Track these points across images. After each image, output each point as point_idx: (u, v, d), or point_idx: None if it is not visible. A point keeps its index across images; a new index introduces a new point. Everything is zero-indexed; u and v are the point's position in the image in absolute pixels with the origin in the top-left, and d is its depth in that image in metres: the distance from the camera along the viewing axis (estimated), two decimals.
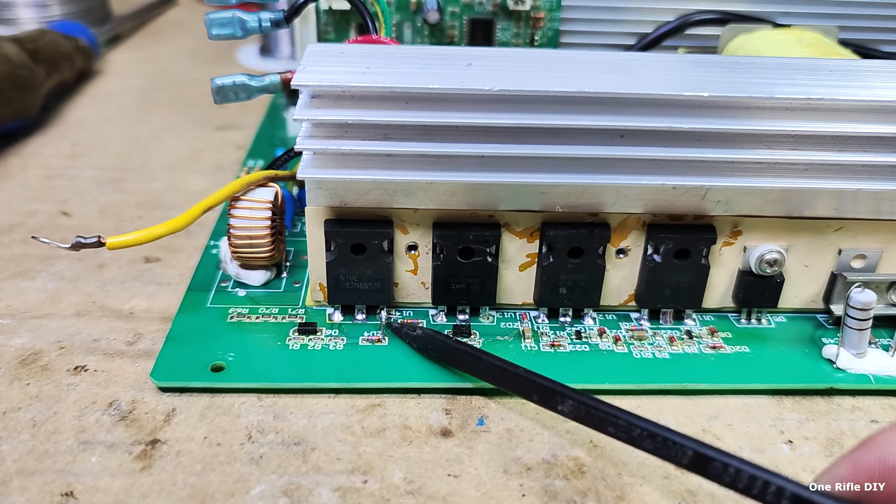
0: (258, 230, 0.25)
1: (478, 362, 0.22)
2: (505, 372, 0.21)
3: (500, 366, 0.21)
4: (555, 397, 0.19)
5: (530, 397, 0.20)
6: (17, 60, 0.39)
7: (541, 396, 0.20)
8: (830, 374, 0.23)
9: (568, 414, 0.19)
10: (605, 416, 0.18)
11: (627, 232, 0.24)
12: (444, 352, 0.23)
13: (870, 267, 0.25)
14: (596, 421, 0.18)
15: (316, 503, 0.19)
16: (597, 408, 0.18)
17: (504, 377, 0.21)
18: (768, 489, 0.15)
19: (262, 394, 0.23)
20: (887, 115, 0.23)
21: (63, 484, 0.20)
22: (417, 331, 0.24)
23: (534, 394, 0.20)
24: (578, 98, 0.22)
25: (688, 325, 0.25)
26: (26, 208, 0.33)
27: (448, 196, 0.23)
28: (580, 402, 0.19)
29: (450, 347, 0.23)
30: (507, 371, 0.21)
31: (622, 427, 0.18)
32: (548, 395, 0.20)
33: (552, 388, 0.20)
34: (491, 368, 0.21)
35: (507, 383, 0.21)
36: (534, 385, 0.20)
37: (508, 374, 0.21)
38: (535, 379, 0.20)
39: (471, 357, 0.22)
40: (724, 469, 0.16)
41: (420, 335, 0.23)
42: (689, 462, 0.17)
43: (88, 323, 0.26)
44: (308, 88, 0.22)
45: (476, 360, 0.22)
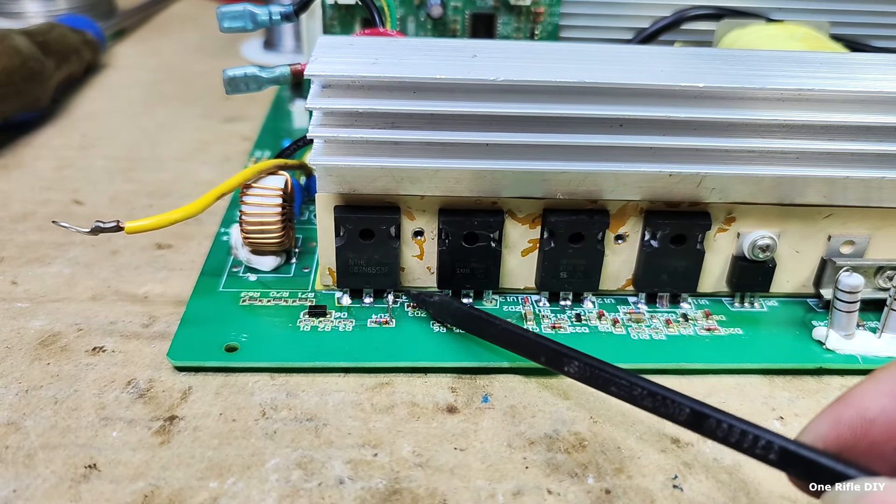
0: (269, 216, 0.26)
1: (490, 326, 0.23)
2: (515, 335, 0.22)
3: (510, 329, 0.22)
4: (561, 359, 0.20)
5: (538, 359, 0.21)
6: (27, 53, 0.39)
7: (548, 358, 0.21)
8: (820, 355, 0.24)
9: (574, 374, 0.20)
10: (608, 377, 0.19)
11: (626, 218, 0.25)
12: (460, 318, 0.24)
13: (858, 252, 0.26)
14: (600, 381, 0.19)
15: (329, 475, 0.20)
16: (601, 368, 0.19)
17: (514, 340, 0.22)
18: (758, 443, 0.16)
19: (274, 373, 0.24)
20: (875, 105, 0.24)
21: (86, 457, 0.20)
22: (435, 297, 0.25)
23: (542, 356, 0.21)
24: (579, 88, 0.23)
25: (683, 309, 0.26)
26: (39, 197, 0.34)
27: (453, 183, 0.24)
28: (585, 363, 0.19)
29: (465, 313, 0.24)
30: (517, 335, 0.22)
31: (624, 387, 0.18)
32: (555, 356, 0.20)
33: (559, 350, 0.20)
34: (502, 332, 0.22)
35: (516, 346, 0.22)
36: (542, 347, 0.21)
37: (518, 338, 0.22)
38: (543, 342, 0.21)
39: (484, 322, 0.23)
40: (718, 425, 0.17)
41: (437, 301, 0.25)
42: (686, 419, 0.17)
43: (104, 306, 0.27)
44: (320, 78, 0.23)
45: (488, 324, 0.23)
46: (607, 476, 0.20)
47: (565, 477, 0.20)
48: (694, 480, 0.20)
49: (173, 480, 0.20)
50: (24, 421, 0.22)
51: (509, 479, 0.20)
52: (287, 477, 0.20)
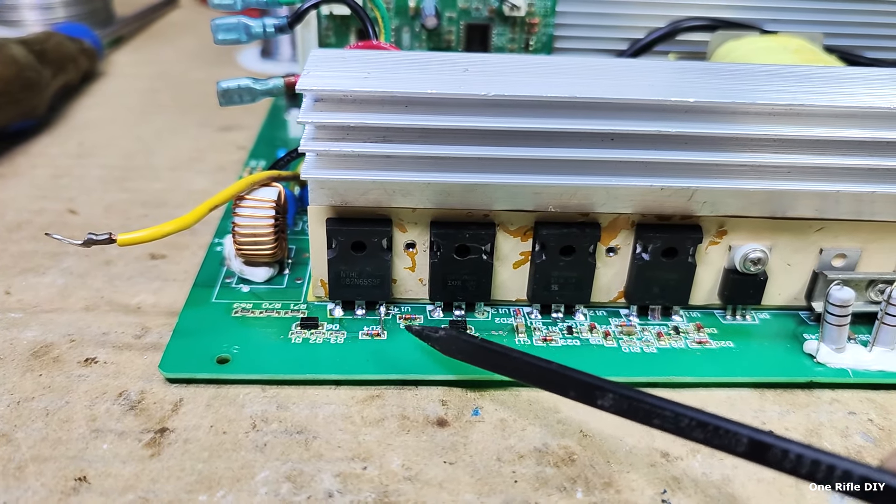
0: (262, 228, 0.26)
1: (507, 360, 0.21)
2: (537, 369, 0.20)
3: (532, 363, 0.20)
4: (593, 392, 0.19)
5: (566, 394, 0.19)
6: (24, 62, 0.40)
7: (578, 392, 0.19)
8: (811, 369, 0.24)
9: (609, 408, 0.18)
10: (649, 409, 0.17)
11: (617, 231, 0.25)
12: (470, 353, 0.22)
13: (850, 266, 0.26)
14: (640, 414, 0.18)
15: (318, 488, 0.20)
16: (641, 400, 0.18)
17: (536, 374, 0.20)
18: (833, 473, 0.15)
19: (265, 385, 0.24)
20: (865, 120, 0.24)
21: (76, 469, 0.21)
22: (440, 332, 0.23)
23: (570, 390, 0.19)
24: (570, 103, 0.23)
25: (675, 321, 0.26)
26: (34, 206, 0.34)
27: (445, 196, 0.24)
28: (622, 395, 0.18)
29: (476, 347, 0.22)
30: (540, 368, 0.20)
31: (669, 418, 0.17)
32: (586, 390, 0.19)
33: (590, 382, 0.19)
34: (522, 366, 0.21)
35: (539, 380, 0.20)
36: (570, 381, 0.19)
37: (541, 371, 0.20)
38: (571, 374, 0.19)
39: (499, 356, 0.21)
40: (784, 455, 0.15)
41: (444, 337, 0.23)
42: (745, 450, 0.16)
43: (97, 317, 0.27)
44: (312, 92, 0.23)
45: (505, 358, 0.21)
46: (596, 490, 0.20)
47: (554, 491, 0.20)
48: (682, 495, 0.20)
49: (163, 493, 0.20)
50: (15, 433, 0.22)
51: (498, 492, 0.20)
52: (276, 490, 0.20)
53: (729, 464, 0.21)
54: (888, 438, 0.22)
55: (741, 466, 0.21)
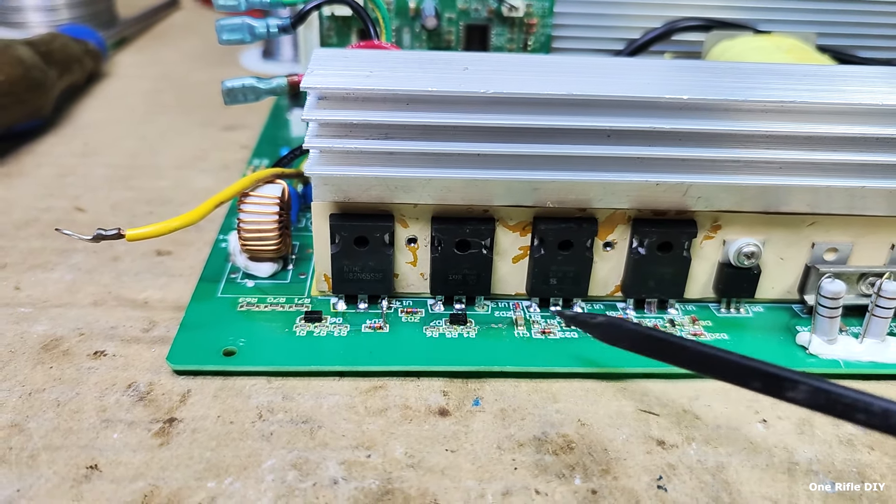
0: (266, 224, 0.27)
1: (679, 350, 0.19)
2: (714, 359, 0.19)
3: (708, 353, 0.19)
4: (782, 384, 0.17)
5: (749, 385, 0.18)
6: (30, 63, 0.40)
7: (764, 384, 0.18)
8: (803, 360, 0.25)
9: (800, 401, 0.17)
10: (851, 402, 0.16)
11: (614, 226, 0.26)
12: (636, 341, 0.21)
13: (841, 259, 0.27)
14: (838, 408, 0.16)
15: (323, 475, 0.21)
16: (839, 393, 0.16)
17: (712, 364, 0.19)
18: None
19: (271, 377, 0.24)
20: (856, 116, 0.24)
21: (87, 458, 0.21)
22: (599, 319, 0.21)
23: (755, 381, 0.18)
24: (568, 100, 0.24)
25: (671, 314, 0.27)
26: (41, 204, 0.35)
27: (446, 192, 0.25)
28: (817, 388, 0.17)
29: (643, 336, 0.20)
30: (718, 358, 0.19)
31: (877, 414, 0.16)
32: (773, 381, 0.17)
33: (779, 374, 0.17)
34: (695, 356, 0.19)
35: (717, 371, 0.19)
36: (754, 372, 0.18)
37: (719, 361, 0.19)
38: (755, 365, 0.18)
39: (670, 345, 0.20)
40: None
41: (604, 324, 0.21)
42: None
43: (105, 311, 0.27)
44: (315, 91, 0.23)
45: (677, 347, 0.20)
46: (594, 477, 0.21)
47: (553, 478, 0.21)
48: (678, 481, 0.21)
49: (172, 480, 0.20)
50: (28, 423, 0.22)
51: (498, 479, 0.21)
52: (283, 477, 0.21)
53: (723, 451, 0.22)
54: None
55: (735, 454, 0.22)
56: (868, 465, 0.22)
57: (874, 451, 0.22)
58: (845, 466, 0.22)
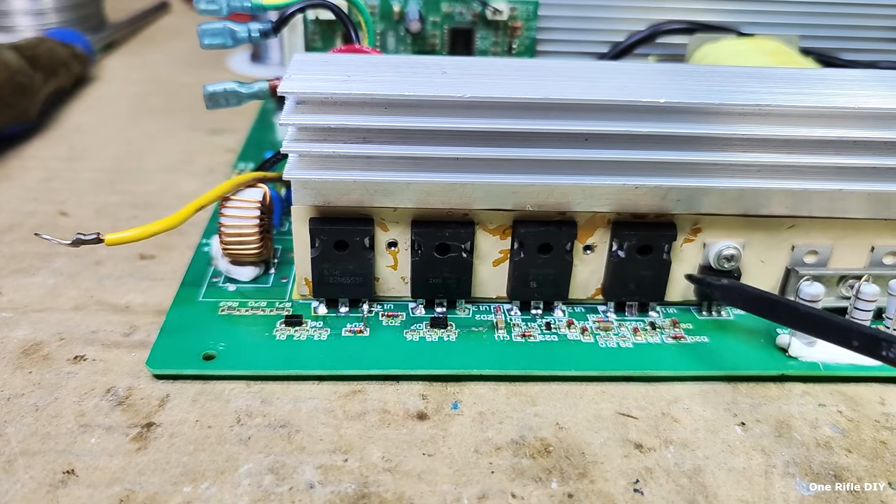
0: (247, 228, 0.27)
1: (790, 311, 0.22)
2: (820, 320, 0.21)
3: (815, 314, 0.22)
4: (879, 343, 0.19)
5: (850, 344, 0.20)
6: (16, 67, 0.40)
7: (862, 343, 0.20)
8: (783, 362, 0.25)
9: (894, 360, 0.19)
10: None
11: (594, 229, 0.26)
12: (752, 302, 0.24)
13: (821, 262, 0.27)
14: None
15: (299, 479, 0.21)
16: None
17: (819, 325, 0.21)
18: None
19: (250, 381, 0.24)
20: (833, 120, 0.24)
21: (64, 463, 0.21)
22: (723, 280, 0.25)
23: (854, 339, 0.20)
24: (545, 104, 0.24)
25: (651, 317, 0.27)
26: (26, 209, 0.35)
27: (425, 196, 0.25)
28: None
29: (758, 297, 0.23)
30: (824, 319, 0.21)
31: None
32: (871, 341, 0.20)
33: (876, 334, 0.20)
34: (803, 316, 0.22)
35: (823, 330, 0.21)
36: (853, 332, 0.20)
37: (825, 322, 0.21)
38: (853, 326, 0.20)
39: (782, 306, 0.23)
40: None
41: (726, 286, 0.24)
42: None
43: (86, 316, 0.27)
44: (293, 95, 0.23)
45: (788, 308, 0.22)
46: (570, 480, 0.21)
47: (529, 481, 0.21)
48: (655, 485, 0.21)
49: (148, 485, 0.20)
50: (5, 428, 0.22)
51: (475, 483, 0.21)
52: (259, 482, 0.21)
53: (701, 454, 0.22)
54: (856, 430, 0.23)
55: (713, 457, 0.22)
56: (845, 467, 0.22)
57: (851, 453, 0.22)
58: (822, 469, 0.22)
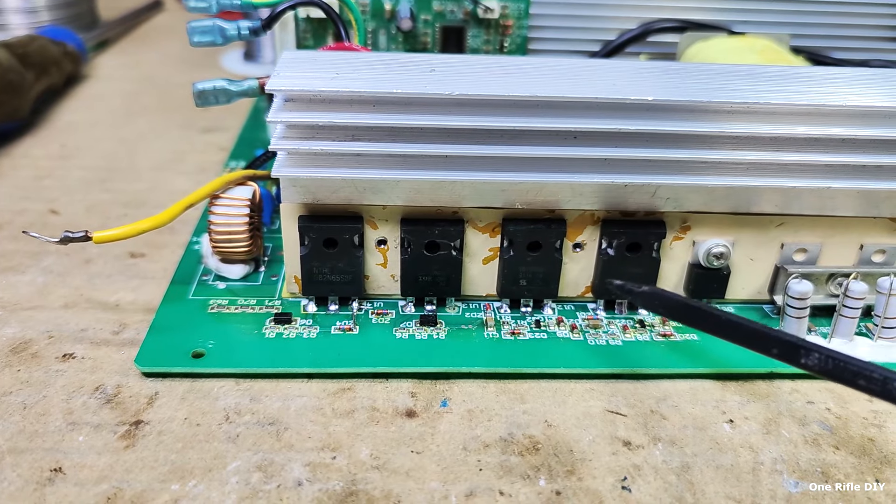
0: (237, 226, 0.27)
1: (709, 317, 0.21)
2: (740, 328, 0.21)
3: (734, 321, 0.21)
4: (798, 351, 0.19)
5: (769, 352, 0.20)
6: (6, 65, 0.40)
7: (782, 350, 0.19)
8: (772, 360, 0.25)
9: (812, 367, 0.19)
10: (856, 370, 0.18)
11: (583, 227, 0.26)
12: (672, 308, 0.22)
13: (811, 260, 0.27)
14: (845, 375, 0.18)
15: (288, 477, 0.21)
16: (847, 361, 0.18)
17: (739, 332, 0.21)
18: None
19: (239, 379, 0.24)
20: (822, 117, 0.24)
21: (52, 461, 0.21)
22: (644, 288, 0.23)
23: (774, 348, 0.20)
24: (533, 102, 0.24)
25: (641, 315, 0.27)
26: (16, 207, 0.35)
27: (414, 193, 0.25)
28: (827, 355, 0.18)
29: (679, 304, 0.22)
30: (744, 326, 0.21)
31: (876, 380, 0.17)
32: (790, 349, 0.19)
33: (795, 342, 0.19)
34: (723, 323, 0.21)
35: (742, 338, 0.21)
36: (773, 340, 0.20)
37: (744, 329, 0.20)
38: (774, 334, 0.20)
39: (702, 312, 0.22)
40: None
41: (646, 292, 0.23)
42: None
43: (76, 314, 0.27)
44: (282, 93, 0.23)
45: (706, 315, 0.21)
46: (558, 478, 0.21)
47: (517, 479, 0.21)
48: (643, 482, 0.21)
49: (136, 483, 0.20)
50: None
51: (463, 480, 0.21)
52: (247, 479, 0.21)
53: (689, 452, 0.22)
54: (844, 427, 0.23)
55: (701, 455, 0.22)
56: (833, 464, 0.22)
57: (839, 450, 0.22)
58: (810, 466, 0.22)
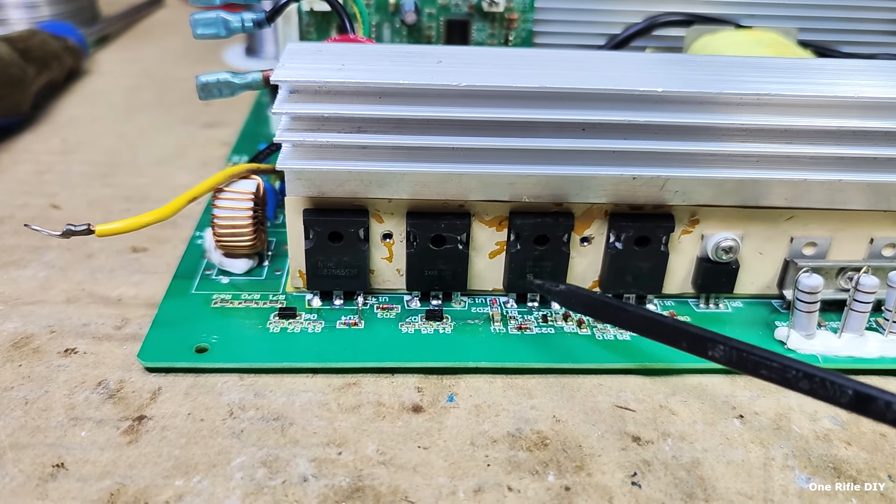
0: (240, 220, 0.27)
1: (622, 314, 0.22)
2: (650, 322, 0.21)
3: (645, 316, 0.21)
4: (704, 343, 0.20)
5: (679, 345, 0.20)
6: (7, 59, 0.40)
7: (690, 343, 0.20)
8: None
9: (719, 359, 0.19)
10: (758, 360, 0.18)
11: (591, 221, 0.25)
12: (589, 306, 0.23)
13: (820, 254, 0.26)
14: (749, 365, 0.19)
15: (293, 473, 0.20)
16: (749, 352, 0.19)
17: (649, 326, 0.21)
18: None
19: (243, 373, 0.24)
20: (832, 109, 0.24)
21: (54, 456, 0.21)
22: (560, 287, 0.24)
23: (682, 341, 0.20)
24: (541, 93, 0.23)
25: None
26: (17, 201, 0.35)
27: (420, 186, 0.24)
28: (731, 346, 0.19)
29: (594, 301, 0.23)
30: (653, 321, 0.21)
31: (776, 369, 0.18)
32: (697, 341, 0.20)
33: (702, 335, 0.20)
34: (636, 318, 0.22)
35: (653, 332, 0.21)
36: (682, 333, 0.20)
37: (654, 324, 0.21)
38: (683, 327, 0.20)
39: (615, 309, 0.22)
40: (888, 407, 0.16)
41: (563, 291, 0.24)
42: (849, 401, 0.17)
43: (78, 309, 0.27)
44: (287, 84, 0.23)
45: (620, 311, 0.22)
46: (567, 473, 0.21)
47: (526, 474, 0.21)
48: (652, 477, 0.21)
49: (139, 479, 0.20)
50: None
51: (471, 476, 0.21)
52: (252, 475, 0.20)
53: (699, 447, 0.22)
54: (855, 422, 0.23)
55: (711, 450, 0.22)
56: (844, 460, 0.21)
57: (851, 446, 0.22)
58: (821, 462, 0.21)
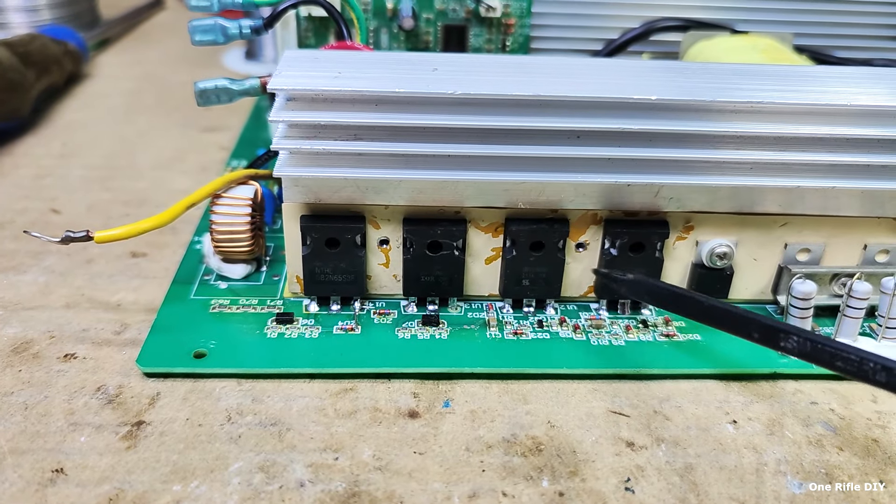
0: (239, 226, 0.27)
1: (693, 303, 0.22)
2: (723, 312, 0.21)
3: (717, 306, 0.21)
4: (777, 334, 0.19)
5: (750, 336, 0.20)
6: (7, 64, 0.40)
7: (762, 334, 0.20)
8: (775, 360, 0.25)
9: (792, 350, 0.19)
10: (833, 352, 0.18)
11: (586, 227, 0.26)
12: (657, 295, 0.23)
13: (814, 260, 0.27)
14: (823, 357, 0.18)
15: (290, 478, 0.21)
16: (824, 343, 0.18)
17: (722, 317, 0.21)
18: None
19: (241, 379, 0.24)
20: (825, 117, 0.24)
21: (53, 462, 0.21)
22: (628, 276, 0.24)
23: (754, 332, 0.20)
24: (536, 101, 0.24)
25: (644, 315, 0.27)
26: (17, 206, 0.35)
27: (417, 193, 0.25)
28: (805, 338, 0.19)
29: (663, 290, 0.23)
30: (726, 311, 0.21)
31: (853, 361, 0.18)
32: (770, 332, 0.20)
33: (774, 325, 0.20)
34: (707, 309, 0.21)
35: (724, 322, 0.21)
36: (755, 323, 0.20)
37: (726, 314, 0.21)
38: (755, 318, 0.20)
39: (685, 299, 0.22)
40: None
41: (632, 280, 0.24)
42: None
43: (77, 314, 0.27)
44: (283, 92, 0.23)
45: (691, 301, 0.22)
46: (561, 479, 0.21)
47: (520, 480, 0.21)
48: (646, 483, 0.21)
49: (138, 484, 0.20)
50: None
51: (466, 481, 0.21)
52: (249, 480, 0.21)
53: (692, 452, 0.22)
54: (848, 427, 0.23)
55: (704, 455, 0.22)
56: (837, 465, 0.22)
57: (843, 451, 0.22)
58: (814, 467, 0.22)
